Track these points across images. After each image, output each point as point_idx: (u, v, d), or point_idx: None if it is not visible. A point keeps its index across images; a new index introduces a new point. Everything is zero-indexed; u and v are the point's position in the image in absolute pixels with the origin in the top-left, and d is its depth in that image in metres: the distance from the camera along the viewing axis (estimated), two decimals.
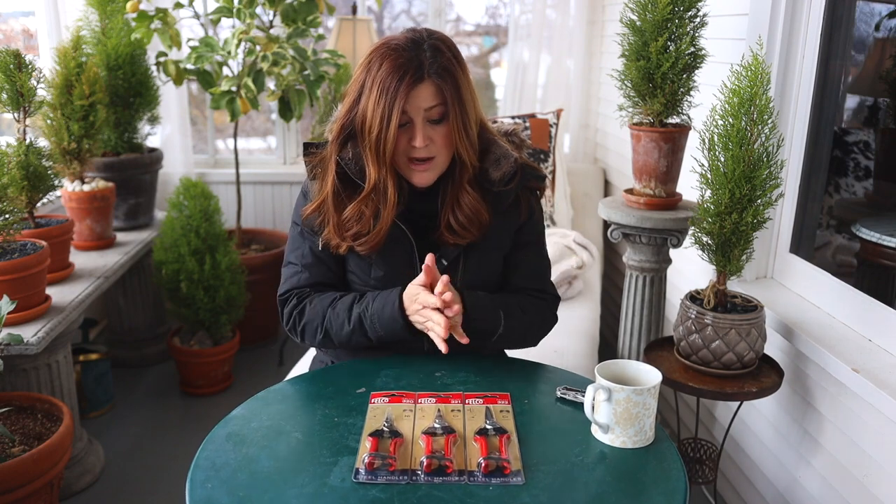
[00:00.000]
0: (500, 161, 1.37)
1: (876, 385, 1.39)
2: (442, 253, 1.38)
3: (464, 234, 1.37)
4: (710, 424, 2.18)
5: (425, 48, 1.27)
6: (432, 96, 1.27)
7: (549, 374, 1.36)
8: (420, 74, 1.25)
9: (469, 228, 1.36)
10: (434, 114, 1.29)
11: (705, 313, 1.62)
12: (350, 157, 1.36)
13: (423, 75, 1.26)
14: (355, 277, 1.43)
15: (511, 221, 1.44)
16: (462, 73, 1.30)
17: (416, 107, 1.27)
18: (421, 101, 1.27)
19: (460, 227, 1.36)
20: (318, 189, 1.39)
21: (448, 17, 3.59)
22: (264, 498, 0.97)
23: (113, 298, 2.99)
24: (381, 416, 1.17)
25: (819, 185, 1.92)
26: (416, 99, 1.26)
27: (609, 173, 3.24)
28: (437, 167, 1.35)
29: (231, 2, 2.69)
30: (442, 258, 1.38)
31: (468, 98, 1.31)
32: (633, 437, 1.11)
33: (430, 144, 1.30)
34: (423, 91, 1.26)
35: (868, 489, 1.47)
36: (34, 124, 2.24)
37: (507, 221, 1.43)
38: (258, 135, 3.99)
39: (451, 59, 1.29)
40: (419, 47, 1.27)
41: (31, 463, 1.74)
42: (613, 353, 2.42)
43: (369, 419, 1.16)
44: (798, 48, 1.82)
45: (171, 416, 2.73)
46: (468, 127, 1.32)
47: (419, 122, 1.29)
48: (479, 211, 1.36)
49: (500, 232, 1.42)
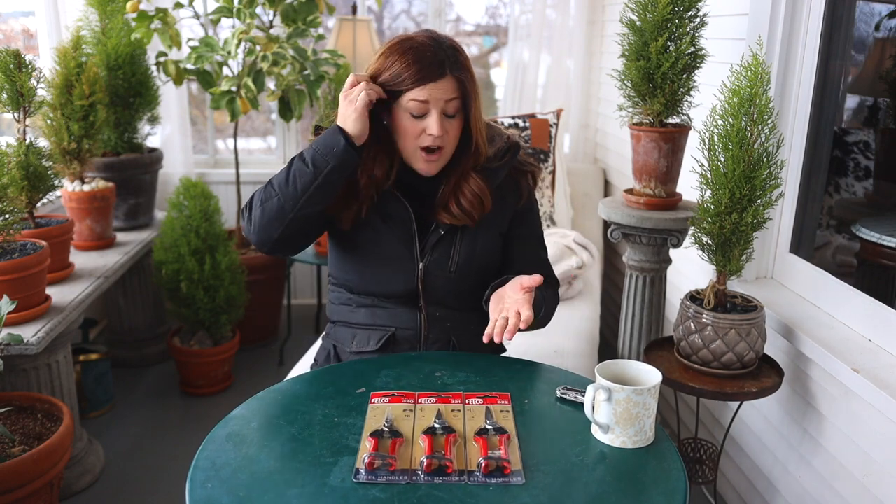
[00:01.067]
0: (494, 139, 1.49)
1: (876, 385, 1.39)
2: (438, 225, 1.46)
3: (461, 217, 1.44)
4: (710, 424, 2.18)
5: (445, 48, 1.37)
6: (452, 90, 1.36)
7: (549, 374, 1.36)
8: (443, 70, 1.35)
9: (469, 212, 1.44)
10: (451, 107, 1.38)
11: (705, 313, 1.62)
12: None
13: (445, 71, 1.35)
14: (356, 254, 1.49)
15: (509, 203, 1.52)
16: (472, 74, 1.41)
17: (436, 98, 1.35)
18: (441, 94, 1.35)
19: (460, 210, 1.44)
20: None
21: (448, 17, 3.59)
22: (264, 498, 0.97)
23: (113, 298, 2.99)
24: (382, 416, 1.17)
25: (819, 185, 1.92)
26: (438, 91, 1.35)
27: (609, 173, 3.24)
28: (444, 158, 1.42)
29: (231, 2, 2.69)
30: (439, 228, 1.46)
31: (478, 94, 1.42)
32: (633, 437, 1.11)
33: (443, 135, 1.38)
34: (444, 84, 1.35)
35: (868, 489, 1.47)
36: (34, 124, 2.24)
37: (504, 202, 1.51)
38: (258, 135, 3.99)
39: (468, 60, 1.41)
40: (440, 46, 1.37)
41: (31, 463, 1.74)
42: (613, 353, 2.42)
43: (369, 419, 1.16)
44: (798, 48, 1.82)
45: (171, 416, 2.73)
46: (481, 120, 1.44)
47: (437, 112, 1.36)
48: (484, 196, 1.44)
49: (497, 212, 1.49)
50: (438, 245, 1.47)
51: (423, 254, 1.47)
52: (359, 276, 1.50)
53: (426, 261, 1.47)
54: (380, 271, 1.48)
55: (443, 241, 1.47)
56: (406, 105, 1.37)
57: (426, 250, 1.47)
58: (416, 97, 1.35)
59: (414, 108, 1.36)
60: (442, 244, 1.47)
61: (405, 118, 1.38)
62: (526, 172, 1.55)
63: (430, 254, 1.47)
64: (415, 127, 1.38)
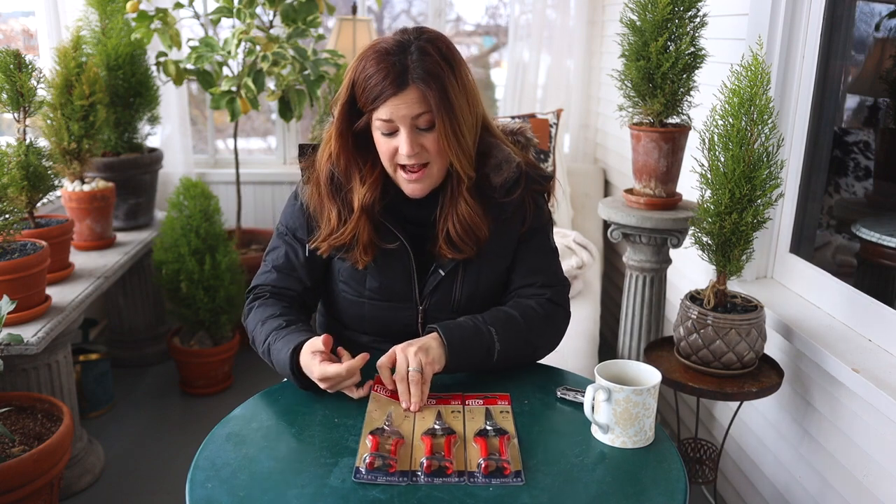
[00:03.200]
0: (502, 166, 1.31)
1: (876, 385, 1.39)
2: (439, 263, 1.33)
3: (463, 247, 1.30)
4: (710, 424, 2.18)
5: (412, 51, 1.19)
6: (417, 103, 1.19)
7: (549, 374, 1.36)
8: (404, 80, 1.18)
9: (466, 242, 1.29)
10: (422, 122, 1.21)
11: (705, 313, 1.62)
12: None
13: (406, 80, 1.18)
14: (348, 289, 1.37)
15: (514, 229, 1.36)
16: (453, 76, 1.21)
17: (400, 115, 1.20)
18: (405, 109, 1.19)
19: (459, 239, 1.29)
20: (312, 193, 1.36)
21: (448, 17, 3.59)
22: (264, 498, 0.97)
23: (113, 298, 2.99)
24: (383, 412, 1.17)
25: (819, 185, 1.92)
26: (400, 107, 1.19)
27: (609, 173, 3.24)
28: (431, 177, 1.27)
29: (231, 2, 2.69)
30: (439, 268, 1.33)
31: (460, 102, 1.22)
32: (633, 437, 1.11)
33: (420, 152, 1.23)
34: (407, 97, 1.19)
35: (868, 489, 1.47)
36: (34, 124, 2.24)
37: (509, 228, 1.35)
38: (258, 135, 3.99)
39: (439, 63, 1.20)
40: (405, 50, 1.19)
41: (31, 463, 1.74)
42: (613, 353, 2.42)
43: (370, 411, 1.16)
44: (798, 48, 1.82)
45: (171, 416, 2.73)
46: (459, 134, 1.23)
47: (406, 130, 1.21)
48: (477, 225, 1.29)
49: (501, 239, 1.35)
50: (439, 287, 1.34)
51: (422, 298, 1.35)
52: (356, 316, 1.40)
53: (426, 304, 1.35)
54: (379, 313, 1.37)
55: (443, 281, 1.34)
56: (375, 124, 1.24)
57: (425, 294, 1.34)
58: (380, 116, 1.21)
59: (381, 126, 1.22)
60: (443, 285, 1.34)
61: (378, 136, 1.25)
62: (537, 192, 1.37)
63: (430, 297, 1.35)
64: (388, 146, 1.24)
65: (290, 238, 1.39)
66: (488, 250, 1.33)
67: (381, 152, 1.27)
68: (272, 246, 1.43)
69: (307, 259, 1.38)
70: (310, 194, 1.36)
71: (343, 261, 1.36)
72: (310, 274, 1.40)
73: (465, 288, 1.35)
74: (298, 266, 1.39)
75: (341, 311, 1.43)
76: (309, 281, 1.40)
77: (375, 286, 1.35)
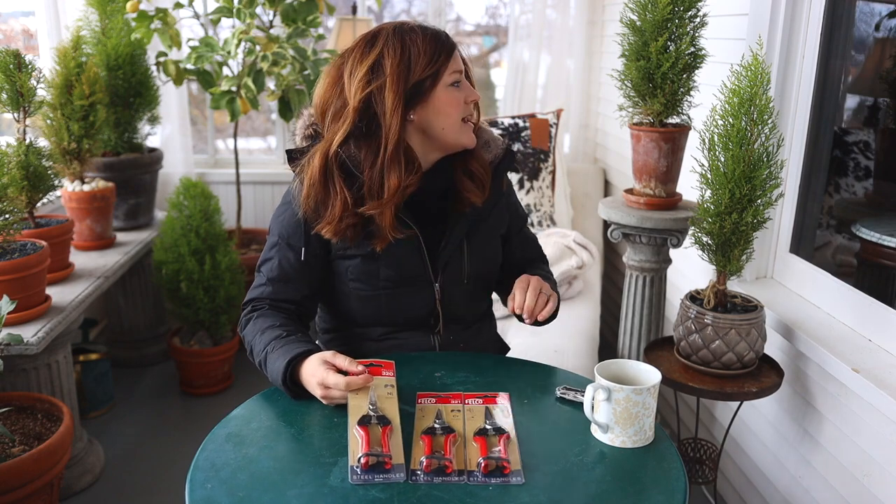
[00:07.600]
0: (490, 144, 1.46)
1: (876, 385, 1.39)
2: (447, 240, 1.40)
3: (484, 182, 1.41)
4: (710, 424, 2.18)
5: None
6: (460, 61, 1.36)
7: (549, 374, 1.36)
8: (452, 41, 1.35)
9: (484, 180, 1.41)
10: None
11: (705, 313, 1.62)
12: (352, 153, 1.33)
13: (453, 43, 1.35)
14: (362, 286, 1.39)
15: (499, 198, 1.49)
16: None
17: (463, 65, 1.36)
18: (461, 59, 1.36)
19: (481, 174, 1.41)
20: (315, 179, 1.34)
21: (448, 16, 3.59)
22: (264, 498, 0.97)
23: (113, 298, 2.99)
24: (365, 397, 1.15)
25: (819, 185, 1.92)
26: (459, 58, 1.35)
27: (609, 173, 3.24)
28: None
29: (231, 2, 2.69)
30: (448, 246, 1.40)
31: None
32: (633, 436, 1.11)
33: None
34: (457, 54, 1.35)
35: (868, 489, 1.47)
36: (34, 124, 2.24)
37: (496, 199, 1.47)
38: (258, 135, 3.99)
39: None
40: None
41: (31, 463, 1.74)
42: (613, 353, 2.42)
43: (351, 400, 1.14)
44: (798, 48, 1.82)
45: (171, 416, 2.73)
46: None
47: (464, 80, 1.36)
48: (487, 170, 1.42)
49: (494, 211, 1.47)
50: (450, 261, 1.42)
51: (436, 275, 1.41)
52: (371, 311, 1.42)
53: (440, 280, 1.41)
54: (396, 302, 1.41)
55: (454, 256, 1.42)
56: (447, 80, 1.33)
57: (438, 270, 1.41)
58: (455, 68, 1.33)
59: (455, 77, 1.34)
60: (453, 259, 1.42)
61: (447, 94, 1.33)
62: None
63: (443, 273, 1.42)
64: (458, 98, 1.34)
65: (284, 246, 1.38)
66: (488, 225, 1.46)
67: (449, 108, 1.33)
68: (265, 257, 1.42)
69: (303, 266, 1.38)
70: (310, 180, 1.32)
71: (348, 259, 1.37)
72: (307, 281, 1.40)
73: (472, 264, 1.44)
74: (294, 275, 1.39)
75: (353, 310, 1.43)
76: (307, 289, 1.40)
77: (390, 274, 1.38)
